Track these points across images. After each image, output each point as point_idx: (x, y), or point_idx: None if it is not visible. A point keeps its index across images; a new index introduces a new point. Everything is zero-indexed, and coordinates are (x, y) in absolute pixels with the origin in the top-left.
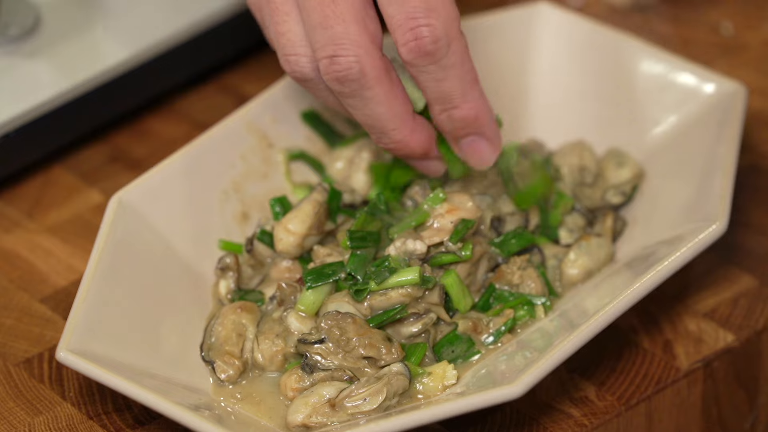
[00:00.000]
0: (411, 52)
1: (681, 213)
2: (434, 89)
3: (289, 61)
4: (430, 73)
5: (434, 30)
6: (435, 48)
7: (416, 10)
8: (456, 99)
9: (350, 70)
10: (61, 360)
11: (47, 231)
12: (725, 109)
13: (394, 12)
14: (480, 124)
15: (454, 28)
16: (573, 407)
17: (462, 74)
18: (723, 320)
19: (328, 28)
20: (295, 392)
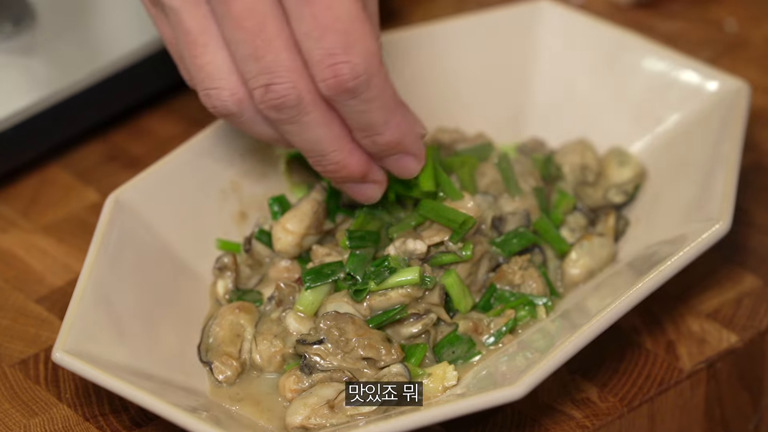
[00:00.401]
0: (330, 89)
1: (684, 212)
2: (356, 120)
3: (210, 96)
4: (352, 107)
5: (354, 67)
6: (355, 84)
7: (335, 47)
8: (379, 127)
9: (287, 97)
10: (57, 361)
11: (43, 230)
12: (728, 107)
13: (312, 47)
14: (404, 145)
15: (374, 63)
16: (575, 408)
17: (383, 104)
18: (726, 321)
19: (260, 59)
20: (294, 393)
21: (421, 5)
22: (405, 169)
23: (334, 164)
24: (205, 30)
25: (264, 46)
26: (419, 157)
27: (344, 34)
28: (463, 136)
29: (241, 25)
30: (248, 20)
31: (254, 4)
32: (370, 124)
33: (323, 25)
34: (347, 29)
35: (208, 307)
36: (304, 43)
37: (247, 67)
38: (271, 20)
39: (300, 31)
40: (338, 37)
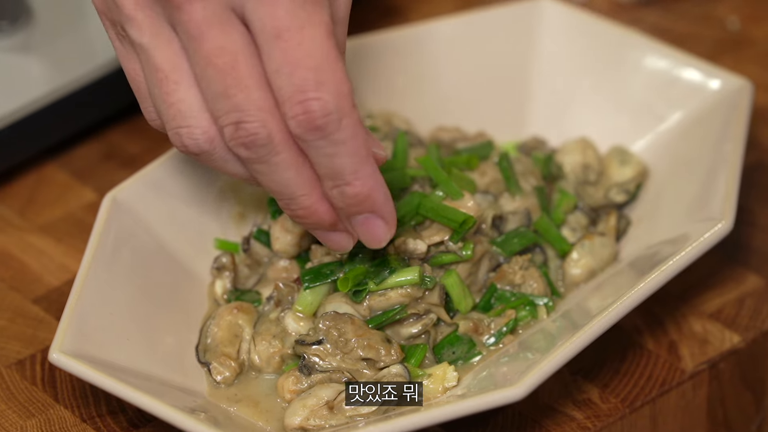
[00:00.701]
0: (300, 126)
1: (686, 211)
2: (325, 165)
3: (180, 134)
4: (320, 149)
5: (325, 104)
6: (325, 122)
7: (306, 83)
8: (347, 175)
9: (257, 135)
10: (54, 362)
11: (40, 230)
12: (731, 106)
13: (283, 84)
14: (373, 201)
15: (347, 102)
16: (576, 409)
17: (354, 150)
18: (729, 321)
19: (231, 97)
20: (293, 394)
21: (421, 3)
22: (373, 234)
23: (303, 209)
24: (177, 67)
25: (235, 84)
26: (390, 222)
27: (315, 70)
28: (464, 135)
29: (211, 62)
30: (219, 58)
31: (225, 42)
32: (339, 171)
33: (294, 61)
34: (319, 66)
35: (206, 308)
36: (275, 80)
37: (218, 104)
38: (243, 58)
39: (271, 68)
40: (309, 74)
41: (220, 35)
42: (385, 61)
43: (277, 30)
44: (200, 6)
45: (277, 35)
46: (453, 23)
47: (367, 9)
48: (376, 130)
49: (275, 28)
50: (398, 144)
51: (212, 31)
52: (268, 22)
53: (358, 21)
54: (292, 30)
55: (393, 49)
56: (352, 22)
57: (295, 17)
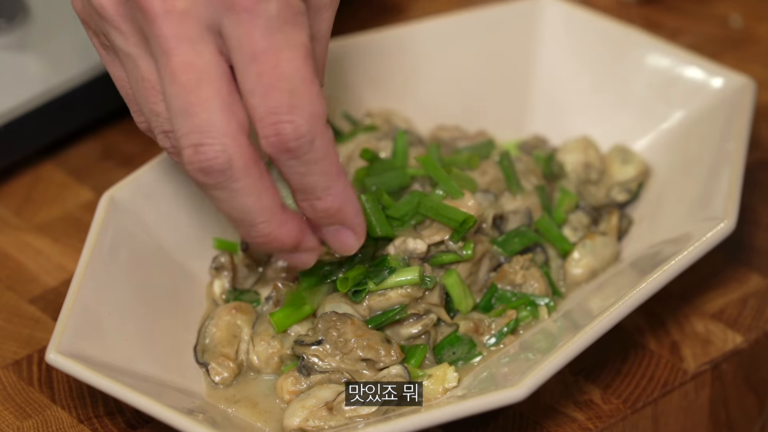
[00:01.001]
0: (272, 147)
1: (688, 211)
2: (297, 182)
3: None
4: (292, 167)
5: (297, 127)
6: (297, 145)
7: (279, 106)
8: (319, 191)
9: (216, 161)
10: (51, 362)
11: (37, 229)
12: (733, 104)
13: (257, 104)
14: (344, 215)
15: (319, 124)
16: (577, 410)
17: (325, 169)
18: (731, 321)
19: (192, 116)
20: (292, 395)
21: (421, 1)
22: (343, 243)
23: (263, 236)
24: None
25: (198, 103)
26: (359, 233)
27: (290, 94)
28: (464, 134)
29: (176, 78)
30: (185, 74)
31: (194, 59)
32: (311, 187)
33: (269, 83)
34: (293, 89)
35: (205, 308)
36: (249, 100)
37: (179, 122)
38: (210, 78)
39: (245, 88)
40: (283, 97)
41: (189, 52)
42: (385, 59)
43: (254, 51)
44: (175, 21)
45: (252, 57)
46: (453, 21)
47: (367, 7)
48: (376, 129)
49: (251, 50)
50: (398, 143)
51: (182, 47)
52: (244, 42)
53: (358, 19)
54: (268, 52)
55: (393, 48)
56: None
57: (272, 39)
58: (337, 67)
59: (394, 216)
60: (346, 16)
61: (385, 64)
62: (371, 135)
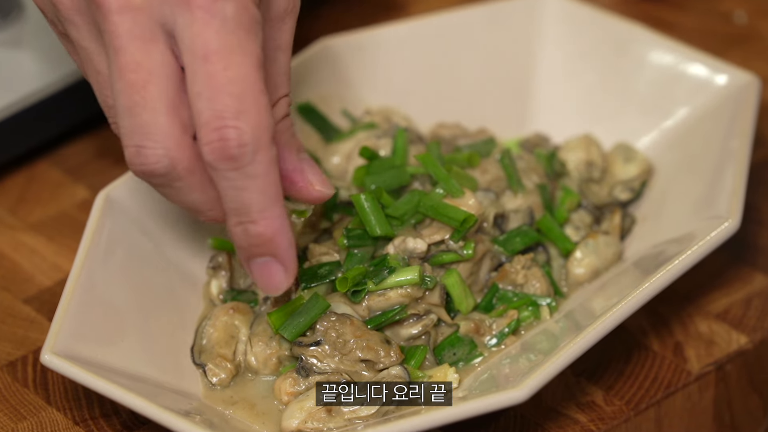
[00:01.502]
0: (213, 153)
1: (692, 210)
2: (233, 198)
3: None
4: (231, 180)
5: (242, 134)
6: (239, 153)
7: (226, 110)
8: (254, 213)
9: (157, 165)
10: (46, 363)
11: (32, 228)
12: (738, 102)
13: (203, 108)
14: (276, 245)
15: (264, 136)
16: (579, 412)
17: (264, 187)
18: (736, 321)
19: (135, 116)
20: (290, 396)
21: None
22: (270, 279)
23: (212, 220)
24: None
25: (143, 103)
26: (289, 270)
27: (238, 99)
28: (465, 132)
29: (123, 76)
30: (132, 73)
31: (143, 58)
32: (247, 207)
33: (217, 85)
34: (242, 95)
35: (202, 308)
36: (196, 103)
37: (123, 120)
38: (158, 79)
39: (193, 90)
40: (231, 101)
41: (139, 50)
42: (385, 56)
43: (205, 52)
44: (128, 18)
45: (204, 57)
46: (454, 17)
47: (367, 3)
48: (375, 126)
49: (203, 50)
50: (398, 141)
51: (133, 44)
52: (197, 41)
53: (358, 16)
54: (220, 53)
55: (392, 45)
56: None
57: (225, 41)
58: (337, 64)
59: (393, 215)
60: (346, 12)
61: (385, 61)
62: (371, 133)
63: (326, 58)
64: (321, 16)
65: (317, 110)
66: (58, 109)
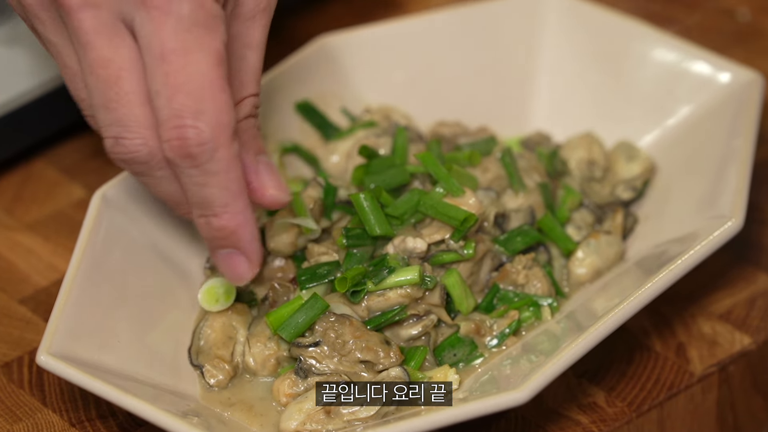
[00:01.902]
0: (173, 150)
1: (694, 209)
2: (195, 193)
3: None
4: (192, 177)
5: (200, 133)
6: (199, 152)
7: (184, 109)
8: (216, 207)
9: (137, 153)
10: (42, 364)
11: (27, 228)
12: (741, 99)
13: (162, 105)
14: (238, 238)
15: (224, 134)
16: (581, 414)
17: (225, 183)
18: (739, 322)
19: (112, 111)
20: (289, 398)
21: None
22: (234, 269)
23: (186, 216)
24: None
25: (117, 98)
26: (253, 261)
27: (196, 98)
28: (465, 130)
29: (95, 72)
30: (104, 69)
31: (112, 55)
32: (209, 202)
33: (175, 85)
34: (200, 94)
35: (199, 308)
36: (155, 101)
37: (100, 115)
38: (128, 73)
39: (153, 88)
40: (189, 100)
41: (107, 46)
42: (384, 54)
43: (162, 51)
44: (90, 14)
45: (161, 56)
46: (454, 15)
47: (365, 1)
48: (375, 125)
49: (160, 48)
50: (397, 140)
51: (100, 40)
52: (154, 40)
53: (357, 13)
54: (177, 52)
55: (392, 42)
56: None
57: (182, 40)
58: (336, 61)
59: (393, 214)
60: (345, 9)
61: (384, 59)
62: (370, 131)
63: (325, 55)
64: (319, 13)
65: (316, 108)
66: (53, 107)
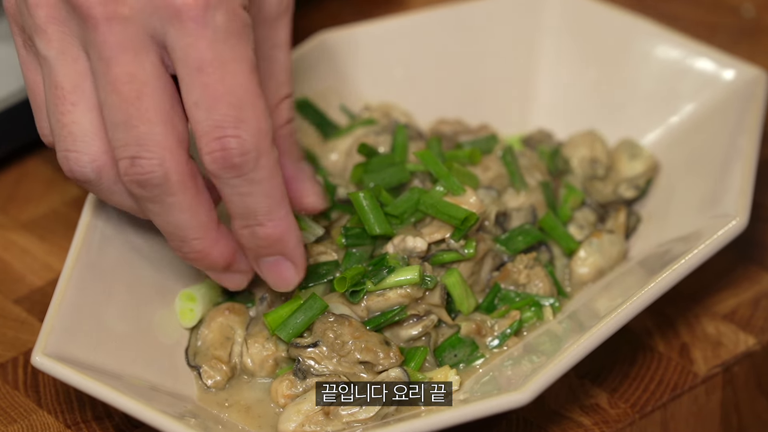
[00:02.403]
0: (215, 163)
1: (698, 208)
2: (238, 203)
3: (68, 159)
4: (235, 187)
5: (243, 143)
6: (242, 161)
7: (225, 119)
8: (260, 216)
9: (153, 174)
10: (37, 365)
11: (22, 227)
12: (746, 97)
13: (202, 118)
14: (284, 245)
15: (265, 142)
16: (583, 415)
17: (269, 191)
18: (743, 322)
19: (131, 128)
20: (287, 399)
21: None
22: (281, 276)
23: (195, 253)
24: (78, 88)
25: (138, 115)
26: (299, 266)
27: (236, 107)
28: (466, 128)
29: (117, 88)
30: (126, 85)
31: (136, 70)
32: (253, 211)
33: (215, 96)
34: (240, 103)
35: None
36: (194, 113)
37: (117, 134)
38: (152, 90)
39: (190, 101)
40: (229, 110)
41: (131, 62)
42: (384, 50)
43: (199, 63)
44: (118, 28)
45: (198, 68)
46: (454, 11)
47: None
48: (374, 122)
49: (197, 61)
50: (397, 137)
51: (125, 56)
52: (191, 53)
53: (356, 10)
54: (214, 64)
55: (392, 39)
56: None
57: (218, 51)
58: (335, 58)
59: (393, 213)
60: (344, 6)
61: (384, 55)
62: (369, 129)
63: (324, 52)
64: (318, 10)
65: (315, 106)
66: None
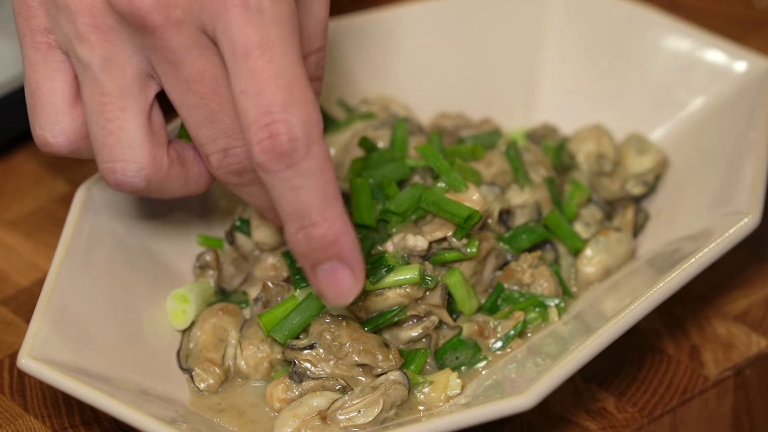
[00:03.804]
0: (264, 152)
1: (709, 205)
2: (290, 200)
3: (114, 171)
4: (286, 181)
5: (291, 127)
6: (291, 148)
7: (273, 104)
8: (314, 214)
9: (247, 161)
10: (23, 368)
11: (8, 225)
12: (758, 90)
13: (249, 106)
14: (340, 247)
15: (316, 131)
16: (590, 420)
17: (322, 185)
18: (756, 324)
19: (216, 122)
20: (283, 403)
21: None
22: (339, 286)
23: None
24: (126, 94)
25: (219, 109)
26: (358, 274)
27: (285, 90)
28: (468, 122)
29: (191, 88)
30: (199, 83)
31: (205, 66)
32: (306, 208)
33: (262, 79)
34: (288, 86)
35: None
36: (241, 103)
37: (202, 131)
38: (223, 82)
39: (237, 89)
40: (278, 93)
41: (198, 60)
42: (384, 42)
43: (246, 48)
44: (176, 31)
45: (246, 53)
46: (457, 1)
47: None
48: (373, 116)
49: (244, 47)
50: (397, 132)
51: (190, 56)
52: (238, 39)
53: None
54: (262, 47)
55: (392, 30)
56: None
57: (265, 35)
58: (332, 50)
59: (393, 210)
60: None
61: (383, 47)
62: (368, 123)
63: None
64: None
65: None
66: None
